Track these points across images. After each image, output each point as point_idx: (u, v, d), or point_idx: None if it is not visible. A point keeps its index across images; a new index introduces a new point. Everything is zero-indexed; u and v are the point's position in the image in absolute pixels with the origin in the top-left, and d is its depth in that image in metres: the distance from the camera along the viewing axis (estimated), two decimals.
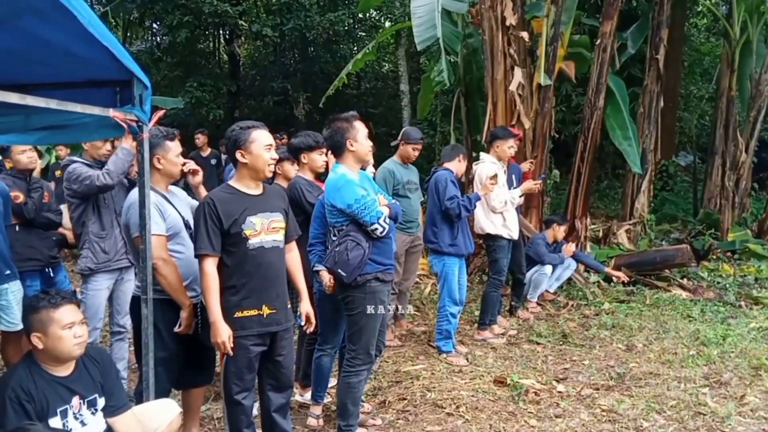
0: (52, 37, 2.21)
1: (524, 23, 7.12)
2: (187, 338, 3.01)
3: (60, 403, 2.35)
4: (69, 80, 2.64)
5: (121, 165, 3.72)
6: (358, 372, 3.29)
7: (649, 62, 8.27)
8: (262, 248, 2.83)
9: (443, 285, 4.88)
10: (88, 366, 2.48)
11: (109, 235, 3.90)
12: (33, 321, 2.33)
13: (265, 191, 2.97)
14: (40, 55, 2.38)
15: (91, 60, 2.37)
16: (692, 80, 13.49)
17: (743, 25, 8.52)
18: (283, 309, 2.92)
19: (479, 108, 8.76)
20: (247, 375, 2.88)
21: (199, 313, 2.99)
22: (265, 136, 2.87)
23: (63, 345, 2.33)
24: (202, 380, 3.29)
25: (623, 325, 5.56)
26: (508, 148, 5.36)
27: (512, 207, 5.34)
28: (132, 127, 2.60)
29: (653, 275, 7.01)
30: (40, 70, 2.54)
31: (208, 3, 12.27)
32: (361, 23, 15.83)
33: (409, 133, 5.13)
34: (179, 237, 3.06)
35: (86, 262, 3.88)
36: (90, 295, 3.91)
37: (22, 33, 2.17)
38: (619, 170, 10.95)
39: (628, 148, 7.74)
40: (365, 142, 3.29)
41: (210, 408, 3.88)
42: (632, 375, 4.42)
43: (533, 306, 6.19)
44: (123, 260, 3.95)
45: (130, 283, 3.94)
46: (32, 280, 4.07)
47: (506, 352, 5.00)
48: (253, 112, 15.94)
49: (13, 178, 4.11)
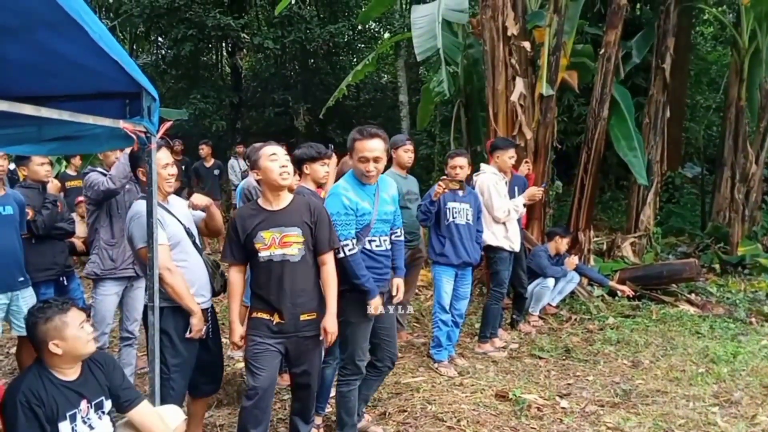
0: (64, 50, 2.30)
1: (526, 33, 7.04)
2: (197, 345, 3.11)
3: (69, 407, 2.43)
4: (80, 92, 2.73)
5: (122, 169, 3.87)
6: (348, 381, 3.37)
7: (654, 71, 8.17)
8: (270, 261, 2.94)
9: (435, 292, 4.89)
10: (93, 370, 2.57)
11: (119, 244, 4.05)
12: (48, 330, 2.40)
13: (289, 206, 3.04)
14: (52, 68, 2.47)
15: (101, 73, 2.46)
16: (699, 90, 13.38)
17: (752, 33, 8.38)
18: (293, 320, 2.95)
19: (480, 118, 8.68)
20: (257, 366, 2.93)
21: (210, 318, 3.15)
22: (269, 149, 3.01)
23: (80, 344, 2.44)
24: (210, 389, 3.36)
25: (629, 341, 5.42)
26: (508, 159, 5.33)
27: (516, 216, 5.25)
28: (141, 138, 2.69)
29: (659, 290, 6.85)
30: (52, 82, 2.63)
31: (211, 17, 12.50)
32: (360, 35, 15.93)
33: (395, 140, 5.05)
34: (181, 246, 3.13)
35: (93, 267, 4.06)
36: (99, 300, 4.08)
37: (36, 46, 2.28)
38: (623, 181, 10.82)
39: (634, 159, 7.60)
40: None
41: (213, 415, 3.88)
42: (638, 392, 4.29)
43: (535, 319, 6.06)
44: (129, 269, 4.09)
45: (140, 290, 4.05)
46: (46, 288, 4.27)
47: (508, 366, 4.89)
48: (254, 123, 16.02)
49: (27, 190, 4.31)
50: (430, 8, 8.31)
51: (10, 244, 3.86)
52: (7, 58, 2.38)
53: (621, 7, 7.16)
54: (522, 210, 5.42)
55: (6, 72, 2.47)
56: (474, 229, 4.83)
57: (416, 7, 8.88)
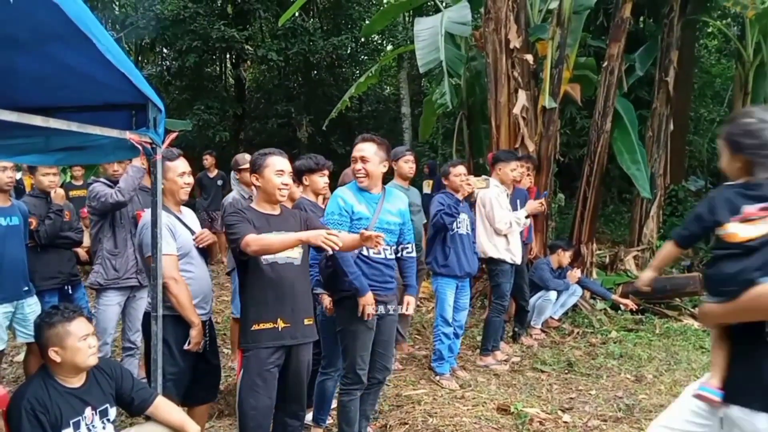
0: (73, 62, 2.33)
1: (528, 46, 7.06)
2: (194, 355, 3.12)
3: (73, 414, 2.44)
4: (88, 104, 2.76)
5: (131, 182, 3.94)
6: (349, 391, 3.35)
7: (658, 84, 8.17)
8: (275, 263, 2.92)
9: (437, 305, 4.87)
10: (98, 378, 2.58)
11: (122, 254, 4.07)
12: (49, 336, 2.43)
13: (283, 212, 3.08)
14: (61, 80, 2.50)
15: (109, 84, 2.49)
16: (703, 102, 13.37)
17: (757, 46, 8.37)
18: (298, 324, 2.96)
19: (482, 131, 8.71)
20: (259, 386, 2.89)
21: (208, 331, 3.16)
22: (279, 163, 2.99)
23: (80, 356, 2.45)
24: (207, 397, 3.37)
25: (632, 355, 5.38)
26: (510, 171, 5.32)
27: (518, 228, 5.24)
28: (147, 149, 2.72)
29: (663, 304, 6.81)
30: (61, 93, 2.66)
31: (216, 28, 12.60)
32: (363, 47, 16.05)
33: (396, 151, 5.04)
34: (189, 257, 3.15)
35: (96, 277, 4.07)
36: (101, 310, 4.09)
37: (46, 58, 2.31)
38: (626, 194, 10.80)
39: (637, 173, 7.59)
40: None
41: (213, 426, 3.87)
42: (642, 407, 4.25)
43: (537, 333, 6.03)
44: (132, 279, 4.10)
45: (142, 300, 4.08)
46: (50, 296, 4.27)
47: (509, 380, 4.85)
48: (257, 134, 16.08)
49: (35, 199, 4.32)
50: (433, 21, 8.36)
51: (17, 255, 3.88)
52: (17, 70, 2.41)
53: (624, 20, 7.19)
54: (525, 222, 5.41)
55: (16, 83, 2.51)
56: (473, 239, 4.88)
57: (419, 20, 8.93)
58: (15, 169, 4.17)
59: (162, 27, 13.09)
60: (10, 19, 1.96)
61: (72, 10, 1.92)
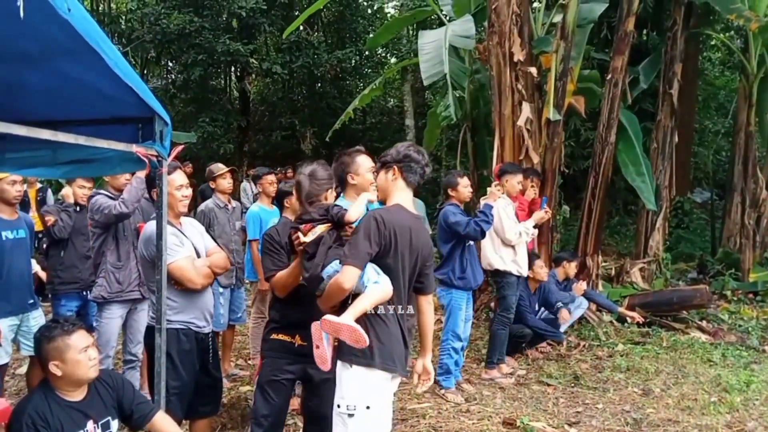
0: (81, 77, 2.35)
1: (532, 59, 7.08)
2: (197, 369, 3.12)
3: (74, 427, 2.42)
4: (95, 117, 2.78)
5: (135, 194, 3.91)
6: None
7: (662, 97, 8.18)
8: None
9: (448, 318, 4.84)
10: (100, 390, 2.57)
11: (125, 266, 4.06)
12: (50, 350, 2.42)
13: None
14: (69, 94, 2.53)
15: (116, 98, 2.51)
16: (707, 114, 13.38)
17: (760, 59, 8.39)
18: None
19: (486, 143, 8.70)
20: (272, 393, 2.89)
21: (211, 343, 3.17)
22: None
23: (81, 369, 2.44)
24: (209, 411, 3.34)
25: (639, 368, 5.33)
26: (516, 183, 5.32)
27: (527, 238, 5.25)
28: (153, 161, 2.73)
29: (670, 316, 6.77)
30: (68, 107, 2.68)
31: (221, 42, 12.67)
32: (367, 60, 16.10)
33: None
34: None
35: (100, 290, 4.04)
36: (104, 324, 4.07)
37: (55, 73, 2.33)
38: (631, 206, 10.76)
39: (642, 185, 7.58)
40: (367, 175, 3.17)
41: None
42: (649, 421, 4.21)
43: (543, 345, 5.97)
44: (135, 292, 4.09)
45: (143, 312, 4.06)
46: (68, 300, 4.39)
47: (515, 393, 4.82)
48: (261, 146, 16.14)
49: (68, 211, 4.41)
50: (437, 34, 8.40)
51: (23, 268, 3.89)
52: (25, 84, 2.43)
53: (628, 33, 7.22)
54: (533, 232, 5.41)
55: (24, 97, 2.53)
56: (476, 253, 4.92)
57: (423, 33, 8.98)
58: (22, 182, 4.18)
59: (168, 41, 13.20)
60: (20, 34, 1.98)
61: (81, 24, 1.94)
